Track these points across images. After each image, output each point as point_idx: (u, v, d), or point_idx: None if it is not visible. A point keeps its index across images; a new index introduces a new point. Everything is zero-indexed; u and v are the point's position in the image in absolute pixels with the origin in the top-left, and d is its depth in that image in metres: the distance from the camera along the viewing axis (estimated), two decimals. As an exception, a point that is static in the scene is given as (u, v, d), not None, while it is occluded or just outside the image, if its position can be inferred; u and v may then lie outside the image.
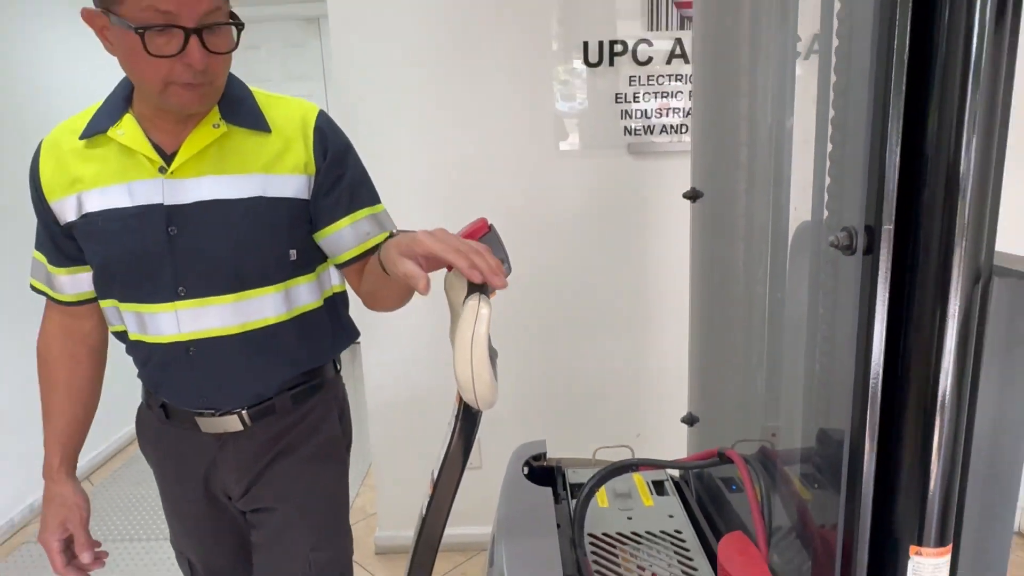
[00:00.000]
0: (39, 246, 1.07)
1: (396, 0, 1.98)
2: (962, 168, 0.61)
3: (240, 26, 0.94)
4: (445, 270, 0.84)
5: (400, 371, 2.24)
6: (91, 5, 0.92)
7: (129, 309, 1.03)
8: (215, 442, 1.10)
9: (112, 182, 0.98)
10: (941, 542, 0.62)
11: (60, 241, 1.04)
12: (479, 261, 0.74)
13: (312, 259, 1.11)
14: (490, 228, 0.87)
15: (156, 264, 0.99)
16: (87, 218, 0.99)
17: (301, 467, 1.17)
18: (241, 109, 1.03)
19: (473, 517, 1.75)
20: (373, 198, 1.14)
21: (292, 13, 4.14)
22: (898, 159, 0.64)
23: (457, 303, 0.80)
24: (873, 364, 0.67)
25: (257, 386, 1.10)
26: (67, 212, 1.00)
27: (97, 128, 0.98)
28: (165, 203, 0.98)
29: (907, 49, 0.62)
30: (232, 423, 1.09)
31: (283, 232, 1.07)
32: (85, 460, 2.85)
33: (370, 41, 2.02)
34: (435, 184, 2.11)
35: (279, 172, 1.05)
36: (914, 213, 0.64)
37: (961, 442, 0.65)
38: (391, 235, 1.13)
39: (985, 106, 0.60)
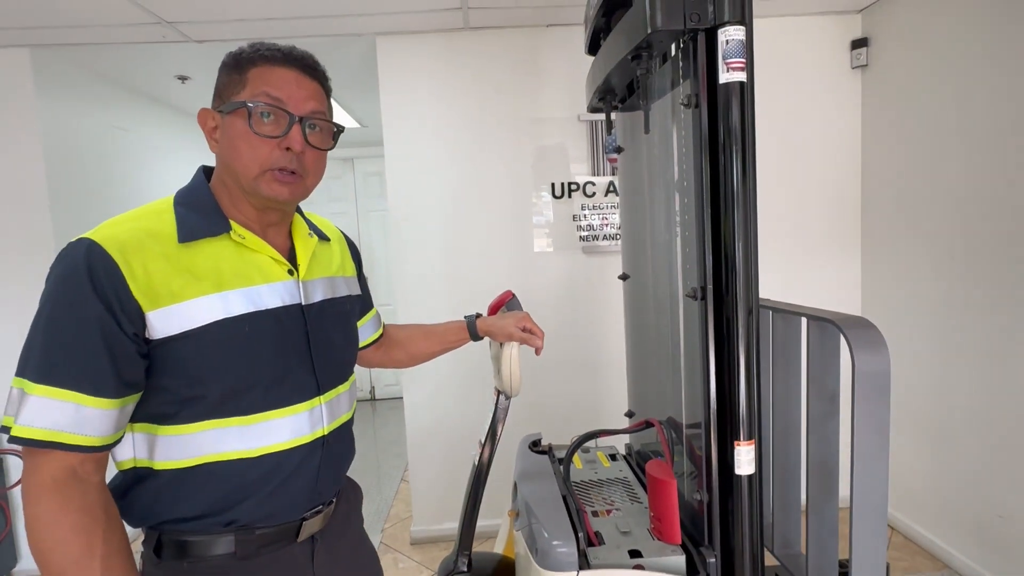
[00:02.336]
0: (76, 379, 0.65)
1: (431, 156, 2.32)
2: (735, 250, 0.87)
3: (340, 129, 0.82)
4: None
5: (431, 403, 2.40)
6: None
7: (259, 420, 0.75)
8: (308, 549, 0.84)
9: (247, 284, 0.76)
10: (749, 437, 0.90)
11: (129, 364, 0.69)
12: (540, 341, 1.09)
13: None
14: (513, 295, 1.19)
15: (300, 361, 0.80)
16: (220, 326, 0.72)
17: (361, 531, 1.00)
18: (309, 223, 0.93)
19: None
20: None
21: (332, 154, 4.50)
22: (710, 248, 0.91)
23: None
24: (710, 355, 0.93)
25: (349, 465, 0.94)
26: (170, 323, 0.70)
27: (207, 231, 0.75)
28: (303, 303, 0.82)
29: (708, 194, 0.91)
30: (328, 513, 0.88)
31: (357, 323, 1.02)
32: None
33: (415, 179, 2.34)
34: (456, 272, 2.37)
35: (347, 275, 0.98)
36: (719, 277, 0.91)
37: (754, 391, 0.90)
38: (478, 316, 1.16)
39: (742, 217, 0.87)
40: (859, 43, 2.33)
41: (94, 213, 2.53)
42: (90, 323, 0.66)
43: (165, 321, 0.70)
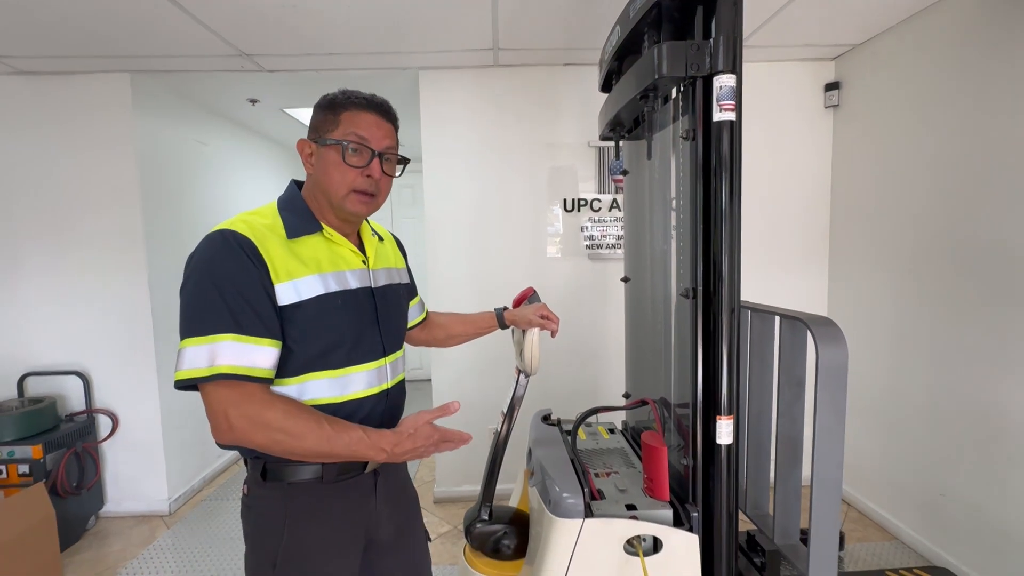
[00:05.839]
0: (250, 327, 0.78)
1: (462, 174, 2.37)
2: (722, 259, 0.92)
3: (407, 161, 0.93)
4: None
5: (456, 384, 2.45)
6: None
7: (344, 373, 0.87)
8: (372, 480, 0.93)
9: (337, 269, 0.88)
10: (729, 413, 0.96)
11: (279, 314, 0.81)
12: (556, 325, 1.14)
13: None
14: (534, 291, 1.24)
15: (372, 330, 0.92)
16: (320, 299, 0.84)
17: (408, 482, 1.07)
18: (373, 228, 1.03)
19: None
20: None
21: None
22: (701, 256, 0.97)
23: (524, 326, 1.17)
24: (699, 345, 0.98)
25: (403, 413, 1.01)
26: (289, 295, 0.81)
27: (307, 230, 0.86)
28: (373, 286, 0.94)
29: (701, 211, 0.95)
30: None
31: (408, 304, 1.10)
32: (181, 491, 2.75)
33: (448, 193, 2.39)
34: (480, 272, 2.42)
35: (399, 266, 1.07)
36: (708, 280, 0.96)
37: (734, 376, 0.95)
38: (505, 309, 1.21)
39: (729, 232, 0.93)
40: (832, 86, 2.36)
41: (178, 213, 2.62)
42: (256, 284, 0.79)
43: (285, 292, 0.82)
